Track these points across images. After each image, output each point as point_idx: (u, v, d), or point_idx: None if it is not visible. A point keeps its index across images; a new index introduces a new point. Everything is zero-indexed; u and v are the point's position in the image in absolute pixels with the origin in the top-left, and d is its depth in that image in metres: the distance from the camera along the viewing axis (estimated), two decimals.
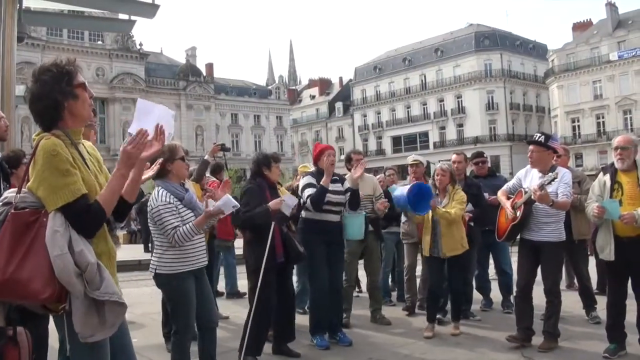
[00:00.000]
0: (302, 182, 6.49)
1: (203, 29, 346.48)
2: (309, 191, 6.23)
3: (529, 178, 6.12)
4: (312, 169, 6.91)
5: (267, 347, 5.97)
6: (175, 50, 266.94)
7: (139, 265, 15.69)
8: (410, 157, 8.42)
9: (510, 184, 6.41)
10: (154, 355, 6.09)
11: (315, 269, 6.42)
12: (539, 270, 6.09)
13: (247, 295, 7.07)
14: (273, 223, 5.63)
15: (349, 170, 7.31)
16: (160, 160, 3.89)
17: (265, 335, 5.83)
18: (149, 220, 4.71)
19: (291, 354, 5.93)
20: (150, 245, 5.74)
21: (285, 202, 5.59)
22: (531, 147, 6.11)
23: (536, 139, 6.14)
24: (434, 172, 7.08)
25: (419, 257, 7.93)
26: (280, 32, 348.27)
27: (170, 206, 4.53)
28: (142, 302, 8.90)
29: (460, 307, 7.04)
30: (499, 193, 6.36)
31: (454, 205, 6.61)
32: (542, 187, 5.59)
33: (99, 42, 61.58)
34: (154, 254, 4.74)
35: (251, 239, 5.94)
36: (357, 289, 9.05)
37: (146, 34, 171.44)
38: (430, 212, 6.61)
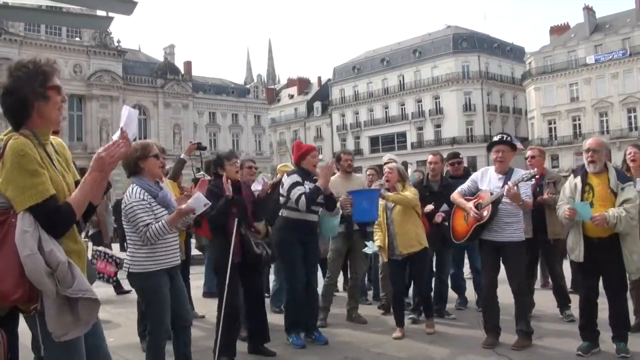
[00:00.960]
0: (288, 181, 6.40)
1: (181, 26, 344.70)
2: (300, 190, 6.21)
3: (487, 180, 6.20)
4: (292, 168, 6.93)
5: (243, 347, 5.97)
6: (154, 47, 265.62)
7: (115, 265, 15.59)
8: (385, 157, 8.48)
9: (464, 186, 6.41)
10: (129, 354, 6.07)
11: (291, 268, 6.44)
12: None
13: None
14: (235, 223, 5.64)
15: (338, 170, 7.40)
16: None
17: (235, 334, 5.82)
18: (122, 218, 4.69)
19: (267, 353, 5.93)
20: (125, 243, 5.71)
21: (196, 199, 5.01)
22: (501, 147, 6.16)
23: (505, 138, 6.23)
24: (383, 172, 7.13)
25: None
26: (259, 31, 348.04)
27: (143, 203, 4.51)
28: (117, 301, 8.86)
29: (430, 305, 7.08)
30: (455, 195, 6.37)
31: (403, 193, 6.58)
32: (516, 184, 5.67)
33: (77, 39, 60.79)
34: (127, 252, 4.73)
35: (212, 239, 5.94)
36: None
37: (124, 31, 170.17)
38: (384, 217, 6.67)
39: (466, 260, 8.47)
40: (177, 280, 4.76)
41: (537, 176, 5.84)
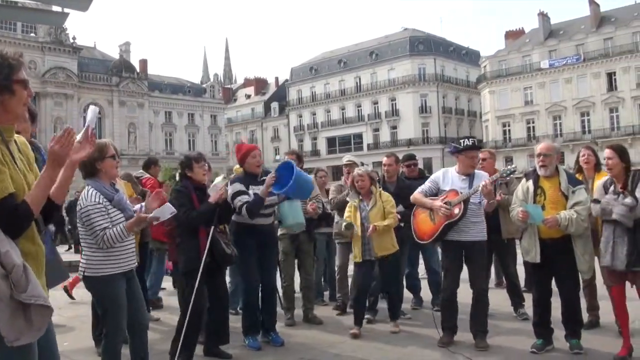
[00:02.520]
0: (230, 190, 6.22)
1: (137, 24, 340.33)
2: (243, 198, 6.14)
3: (449, 180, 6.26)
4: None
5: (199, 349, 5.94)
6: (109, 44, 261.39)
7: (69, 267, 15.26)
8: (345, 158, 8.51)
9: (425, 187, 6.45)
10: (84, 358, 5.99)
11: (246, 270, 6.43)
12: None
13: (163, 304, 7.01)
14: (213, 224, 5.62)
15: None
16: None
17: (196, 338, 5.79)
18: (77, 221, 4.59)
19: (223, 356, 5.90)
20: (80, 246, 5.59)
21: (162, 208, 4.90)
22: (476, 152, 6.32)
23: (477, 143, 6.36)
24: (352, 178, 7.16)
25: (351, 256, 8.05)
26: (216, 30, 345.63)
27: (99, 207, 4.42)
28: (72, 304, 8.71)
29: (397, 305, 7.16)
30: (417, 195, 6.42)
31: (389, 210, 6.76)
32: (495, 181, 5.79)
33: (32, 34, 59.39)
34: (82, 256, 4.64)
35: (181, 241, 5.88)
36: None
37: (80, 27, 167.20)
38: (359, 220, 6.71)
39: (421, 260, 8.56)
40: (133, 282, 4.70)
41: (515, 172, 5.98)
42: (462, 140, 6.35)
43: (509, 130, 63.70)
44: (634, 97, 56.00)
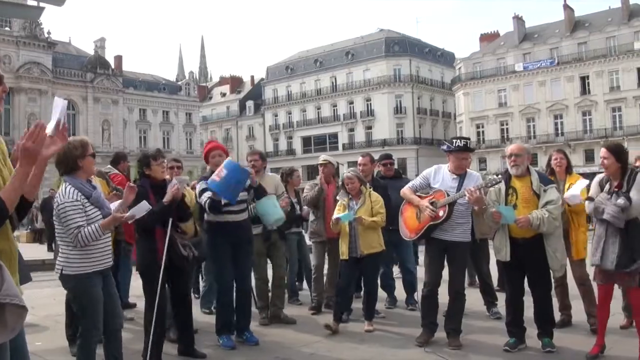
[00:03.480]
0: (197, 188, 6.44)
1: (113, 19, 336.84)
2: (207, 195, 6.18)
3: (440, 178, 6.26)
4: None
5: (173, 349, 5.91)
6: (84, 40, 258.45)
7: (42, 265, 15.03)
8: (321, 157, 8.54)
9: (416, 182, 6.47)
10: (57, 358, 5.93)
11: (220, 269, 6.43)
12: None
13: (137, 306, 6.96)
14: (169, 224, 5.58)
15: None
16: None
17: (163, 338, 5.75)
18: (54, 218, 4.54)
19: (197, 355, 5.86)
20: (54, 244, 5.53)
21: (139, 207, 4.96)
22: (467, 154, 6.29)
23: (469, 145, 6.38)
24: (341, 179, 7.23)
25: (326, 256, 8.10)
26: (192, 27, 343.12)
27: (77, 204, 4.38)
28: (45, 303, 8.61)
29: (374, 305, 7.20)
30: (406, 190, 6.42)
31: (377, 210, 6.84)
32: (479, 189, 5.80)
33: (7, 28, 58.31)
34: (60, 254, 4.59)
35: (138, 241, 5.86)
36: None
37: (55, 22, 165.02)
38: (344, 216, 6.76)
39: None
40: (109, 281, 4.68)
41: (500, 182, 5.98)
42: (454, 140, 6.36)
43: (483, 132, 64.22)
44: (607, 100, 56.85)
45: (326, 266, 8.22)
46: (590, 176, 6.59)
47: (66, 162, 4.45)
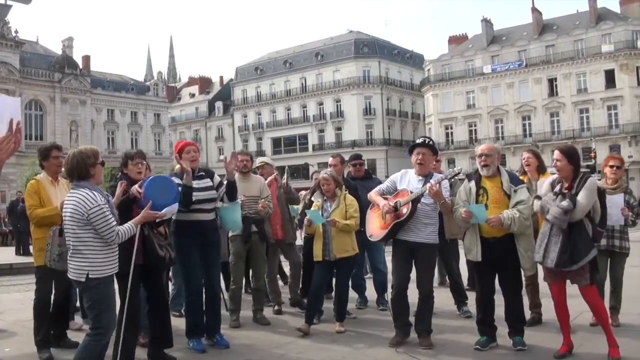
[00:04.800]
0: None
1: (81, 19, 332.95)
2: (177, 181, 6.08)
3: (406, 181, 6.26)
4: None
5: (143, 353, 5.81)
6: (52, 39, 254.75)
7: (10, 270, 14.71)
8: (259, 159, 8.51)
9: (383, 186, 6.48)
10: None
11: (188, 271, 6.33)
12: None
13: None
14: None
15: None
16: None
17: (135, 340, 5.66)
18: (69, 223, 4.53)
19: (167, 359, 5.78)
20: (22, 247, 5.40)
21: (171, 208, 5.43)
22: (422, 149, 6.23)
23: (427, 142, 6.35)
24: (316, 181, 7.29)
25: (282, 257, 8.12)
26: (161, 27, 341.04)
27: (107, 206, 4.56)
28: (13, 308, 8.44)
29: (345, 306, 7.18)
30: (372, 194, 6.43)
31: (351, 214, 6.84)
32: (439, 182, 5.80)
33: None
34: (83, 258, 4.54)
35: None
36: None
37: (22, 20, 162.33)
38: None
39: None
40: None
41: (459, 174, 6.01)
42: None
43: (452, 133, 64.84)
44: (575, 102, 57.77)
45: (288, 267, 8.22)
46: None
47: (79, 170, 4.61)
